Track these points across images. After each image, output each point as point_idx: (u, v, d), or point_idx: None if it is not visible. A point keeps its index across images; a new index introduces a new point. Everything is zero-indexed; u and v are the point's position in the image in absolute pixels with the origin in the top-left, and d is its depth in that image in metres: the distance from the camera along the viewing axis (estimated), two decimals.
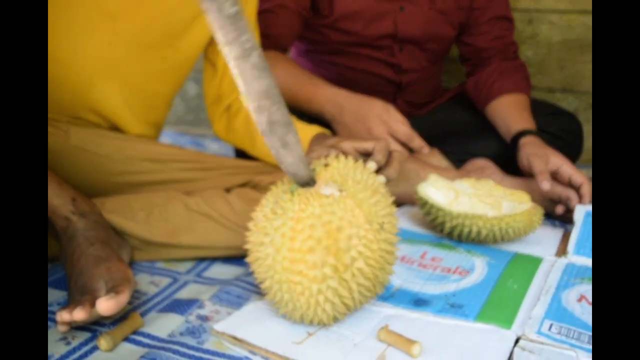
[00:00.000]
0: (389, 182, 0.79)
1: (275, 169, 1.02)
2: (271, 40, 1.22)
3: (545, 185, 1.09)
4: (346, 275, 0.65)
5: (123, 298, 0.69)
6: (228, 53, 0.59)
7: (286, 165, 0.66)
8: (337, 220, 0.65)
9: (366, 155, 0.84)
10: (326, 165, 0.72)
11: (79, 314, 0.66)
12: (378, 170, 0.82)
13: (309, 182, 0.68)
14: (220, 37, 0.58)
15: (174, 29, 0.94)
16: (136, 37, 0.92)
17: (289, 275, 0.65)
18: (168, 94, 1.03)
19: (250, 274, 0.87)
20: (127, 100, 0.95)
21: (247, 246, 0.70)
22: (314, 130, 0.96)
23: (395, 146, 1.07)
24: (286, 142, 0.64)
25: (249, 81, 0.60)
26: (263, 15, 1.22)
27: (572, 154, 1.31)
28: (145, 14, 0.91)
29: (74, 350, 0.68)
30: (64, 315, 0.67)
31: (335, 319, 0.70)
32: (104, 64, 0.91)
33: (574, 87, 1.75)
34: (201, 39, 0.99)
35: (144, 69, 0.95)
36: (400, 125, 1.09)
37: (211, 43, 1.03)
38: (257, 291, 0.82)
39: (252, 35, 0.59)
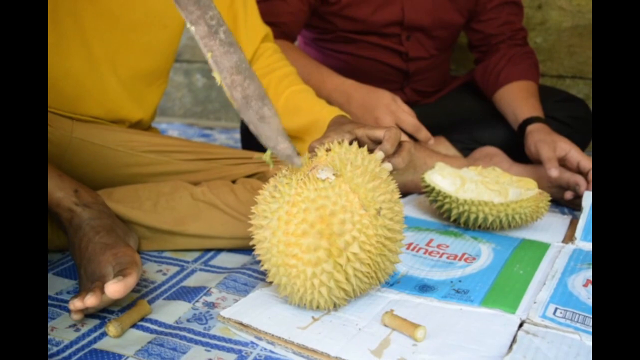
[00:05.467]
0: (395, 170, 0.79)
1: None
2: (279, 29, 1.22)
3: (553, 172, 1.08)
4: (341, 260, 0.65)
5: (131, 280, 0.70)
6: (195, 33, 0.60)
7: (265, 139, 0.66)
8: (330, 205, 0.65)
9: (379, 143, 0.84)
10: (328, 150, 0.72)
11: (90, 300, 0.68)
12: (386, 158, 0.82)
13: (292, 155, 0.67)
14: (185, 17, 0.60)
15: (155, 5, 0.94)
16: (119, 17, 0.92)
17: (285, 258, 0.66)
18: (161, 71, 1.04)
19: (256, 262, 0.87)
20: (123, 82, 0.96)
21: (250, 229, 0.71)
22: (334, 111, 0.96)
23: (404, 137, 1.07)
24: (262, 115, 0.65)
25: (218, 58, 0.61)
26: (271, 2, 1.22)
27: (582, 140, 1.30)
28: None
29: (84, 336, 0.69)
30: (76, 303, 0.68)
31: (336, 305, 0.70)
32: (96, 49, 0.92)
33: (585, 74, 1.73)
34: None
35: (132, 47, 0.95)
36: (407, 116, 1.09)
37: None
38: (263, 278, 0.83)
39: (217, 12, 0.60)
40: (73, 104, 0.94)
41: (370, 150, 0.77)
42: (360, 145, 0.79)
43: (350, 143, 0.77)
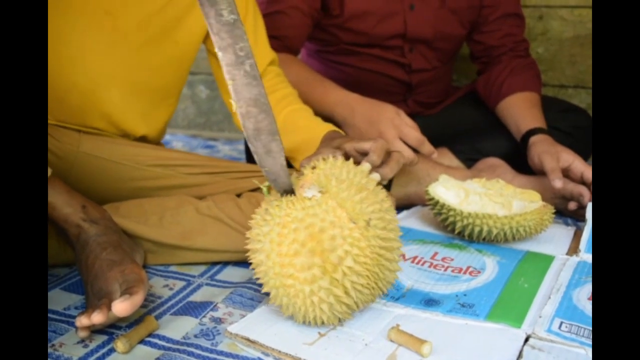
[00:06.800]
0: (384, 180, 0.79)
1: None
2: (282, 42, 1.23)
3: (557, 183, 1.08)
4: (337, 275, 0.66)
5: (138, 298, 0.70)
6: (222, 58, 0.62)
7: (267, 171, 0.68)
8: (319, 222, 0.66)
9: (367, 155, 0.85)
10: (313, 167, 0.73)
11: (97, 318, 0.68)
12: (374, 169, 0.83)
13: (287, 190, 0.70)
14: (215, 42, 0.62)
15: (170, 22, 0.96)
16: (135, 33, 0.93)
17: (282, 279, 0.67)
18: (172, 89, 1.05)
19: None
20: (132, 98, 0.97)
21: (247, 254, 0.72)
22: (327, 127, 0.97)
23: (405, 149, 1.07)
24: (270, 149, 0.67)
25: (239, 87, 0.63)
26: (274, 16, 1.23)
27: (584, 150, 1.30)
28: (142, 9, 0.93)
29: (92, 352, 0.70)
30: (83, 320, 0.69)
31: (340, 319, 0.71)
32: (109, 63, 0.93)
33: (586, 83, 1.74)
34: (198, 30, 1.01)
35: (145, 64, 0.97)
36: (410, 129, 1.10)
37: (209, 35, 1.05)
38: (268, 293, 0.83)
39: (248, 44, 0.62)
40: (80, 116, 0.95)
41: (350, 160, 0.78)
42: (351, 159, 0.80)
43: (347, 159, 0.77)
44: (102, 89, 0.94)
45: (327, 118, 1.18)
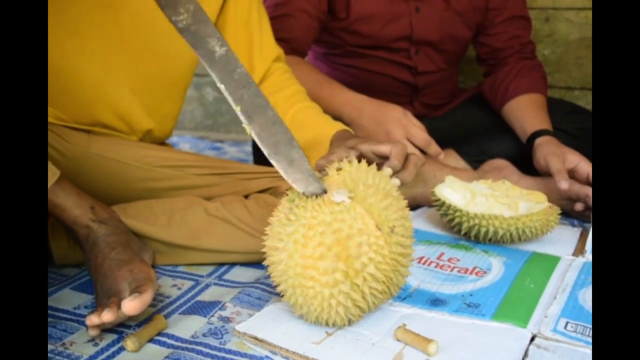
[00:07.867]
0: (403, 184, 0.80)
1: None
2: (289, 44, 1.24)
3: (563, 184, 1.09)
4: (357, 280, 0.66)
5: (147, 297, 0.71)
6: (224, 90, 0.63)
7: (295, 182, 0.69)
8: (346, 228, 0.66)
9: (384, 158, 0.86)
10: (339, 169, 0.74)
11: (107, 316, 0.69)
12: (394, 173, 0.83)
13: (321, 195, 0.70)
14: (214, 76, 0.63)
15: None
16: (140, 26, 0.94)
17: (302, 280, 0.67)
18: (179, 83, 1.06)
19: (270, 276, 0.88)
20: (139, 92, 0.98)
21: (263, 250, 0.73)
22: (336, 126, 0.97)
23: (412, 150, 1.08)
24: (292, 159, 0.68)
25: (248, 109, 0.65)
26: (281, 19, 1.24)
27: (590, 152, 1.30)
28: (144, 3, 0.93)
29: (102, 351, 0.71)
30: (93, 319, 0.70)
31: (350, 321, 0.72)
32: (113, 56, 0.94)
33: None
34: None
35: (152, 57, 0.97)
36: (418, 130, 1.10)
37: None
38: (276, 293, 0.84)
39: (244, 69, 0.64)
40: (89, 110, 0.96)
41: (373, 164, 0.79)
42: (367, 161, 0.80)
43: (359, 160, 0.78)
44: (107, 82, 0.95)
45: (335, 118, 1.19)
